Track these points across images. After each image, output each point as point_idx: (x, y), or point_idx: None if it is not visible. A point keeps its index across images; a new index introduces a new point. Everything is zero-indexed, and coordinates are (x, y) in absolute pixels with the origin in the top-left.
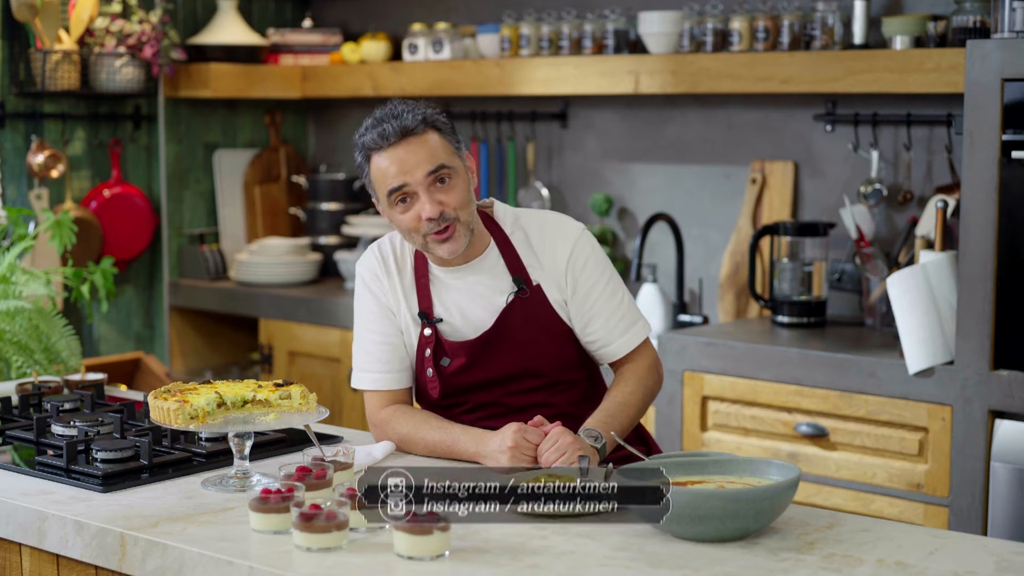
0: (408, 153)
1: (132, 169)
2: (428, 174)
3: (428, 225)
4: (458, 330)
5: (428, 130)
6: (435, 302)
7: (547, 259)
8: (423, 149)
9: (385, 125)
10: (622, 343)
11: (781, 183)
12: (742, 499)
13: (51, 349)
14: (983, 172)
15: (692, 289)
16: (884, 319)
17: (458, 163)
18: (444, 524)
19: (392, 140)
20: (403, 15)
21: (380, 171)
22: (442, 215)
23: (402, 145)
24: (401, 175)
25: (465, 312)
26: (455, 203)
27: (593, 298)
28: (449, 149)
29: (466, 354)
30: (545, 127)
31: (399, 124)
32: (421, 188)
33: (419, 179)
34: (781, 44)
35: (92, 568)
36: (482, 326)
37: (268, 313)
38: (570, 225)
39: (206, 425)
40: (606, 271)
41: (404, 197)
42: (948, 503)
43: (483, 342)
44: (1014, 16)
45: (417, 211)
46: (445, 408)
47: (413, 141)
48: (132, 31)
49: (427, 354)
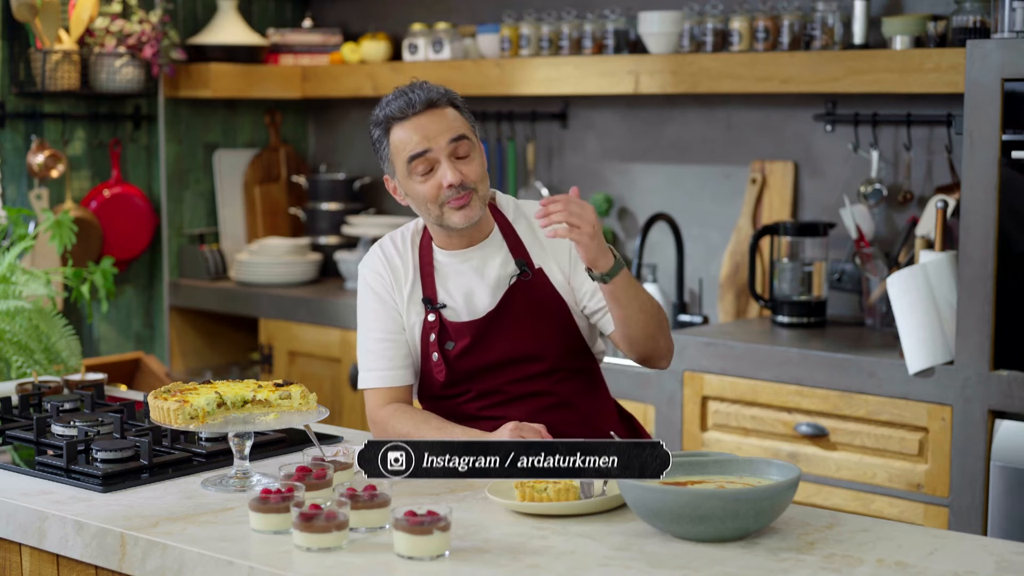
0: (431, 122)
1: (132, 169)
2: (451, 141)
3: (447, 192)
4: (461, 314)
5: (448, 106)
6: (439, 288)
7: (548, 241)
8: (444, 120)
9: (411, 95)
10: None
11: (781, 183)
12: (742, 499)
13: (51, 349)
14: (983, 172)
15: (692, 289)
16: (884, 319)
17: (475, 140)
18: (444, 524)
19: (418, 109)
20: (403, 15)
21: (401, 140)
22: (462, 184)
23: (425, 115)
24: (424, 141)
25: (468, 295)
26: (474, 175)
27: None
28: (467, 125)
29: (470, 334)
30: (545, 127)
31: (424, 95)
32: (443, 155)
33: (442, 146)
34: (781, 44)
35: (92, 568)
36: (485, 308)
37: (268, 313)
38: None
39: (206, 425)
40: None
41: (424, 165)
42: (948, 503)
43: (486, 323)
44: (1014, 16)
45: (438, 179)
46: (449, 398)
47: (436, 112)
48: (132, 31)
49: (432, 339)
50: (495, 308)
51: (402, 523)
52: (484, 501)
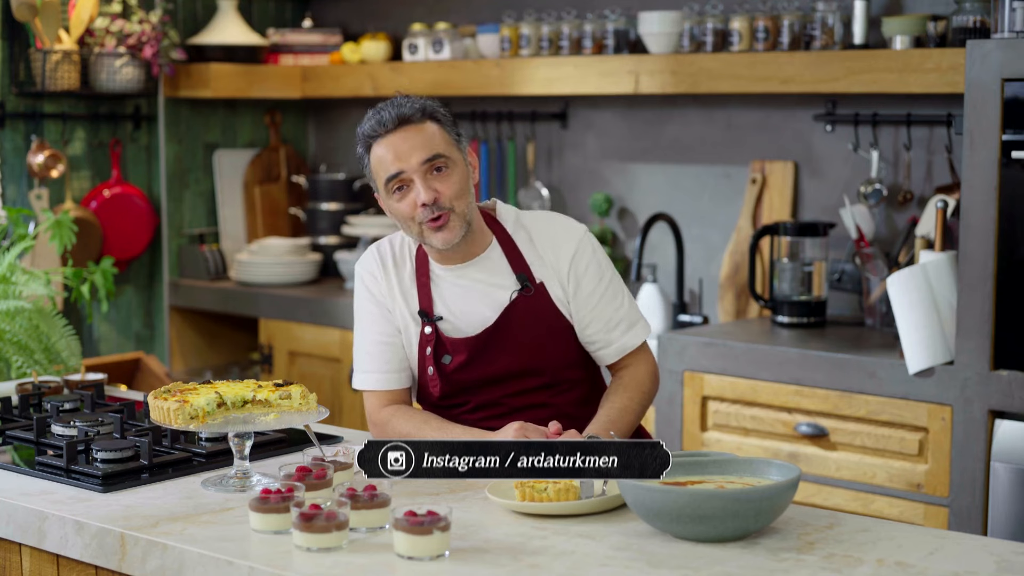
0: (404, 141)
1: (132, 169)
2: (424, 162)
3: (422, 212)
4: (458, 327)
5: (426, 120)
6: (435, 300)
7: (550, 258)
8: (419, 137)
9: (383, 113)
10: (620, 346)
11: (781, 183)
12: (742, 499)
13: (51, 349)
14: (983, 172)
15: (692, 289)
16: (884, 319)
17: (457, 155)
18: (444, 524)
19: (389, 127)
20: (403, 15)
21: (378, 160)
22: (436, 202)
23: (399, 133)
24: (397, 162)
25: (466, 309)
26: (450, 193)
27: (594, 301)
28: (448, 140)
29: (467, 351)
30: (545, 127)
31: (396, 112)
32: (417, 175)
33: (414, 166)
34: (781, 44)
35: (92, 568)
36: (483, 323)
37: (268, 313)
38: (573, 226)
39: (206, 425)
40: (607, 273)
41: (401, 185)
42: (948, 503)
43: (485, 338)
44: (1014, 16)
45: (412, 198)
46: (446, 408)
47: (410, 129)
48: (132, 31)
49: (427, 352)
50: (494, 324)
51: (402, 523)
52: (484, 501)
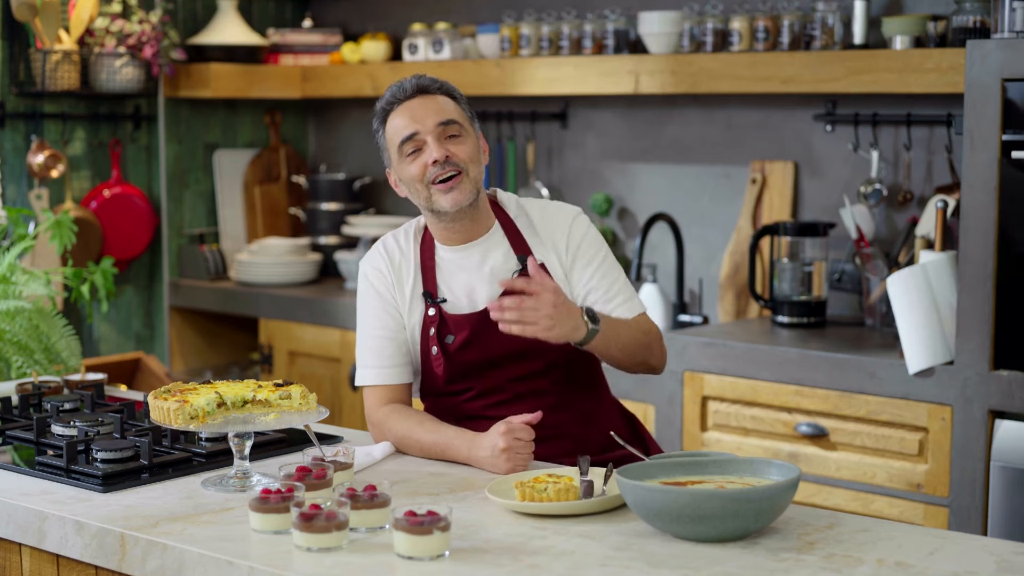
0: (420, 105)
1: (132, 169)
2: (439, 124)
3: (433, 170)
4: (462, 308)
5: (443, 94)
6: (440, 284)
7: (548, 236)
8: (435, 104)
9: (404, 82)
10: (621, 312)
11: (781, 183)
12: (742, 499)
13: (51, 349)
14: (983, 172)
15: (692, 289)
16: (884, 319)
17: (471, 130)
18: (444, 524)
19: (409, 93)
20: (403, 15)
21: (394, 129)
22: (448, 160)
23: (416, 99)
24: (413, 124)
25: (469, 290)
26: (464, 155)
27: (592, 270)
28: (462, 114)
29: (469, 327)
30: (545, 127)
31: (416, 81)
32: (431, 136)
33: (429, 127)
34: (781, 44)
35: (92, 568)
36: (486, 302)
37: (268, 313)
38: (570, 206)
39: (206, 425)
40: (602, 249)
41: (415, 148)
42: (948, 503)
43: (486, 315)
44: (1014, 16)
45: (424, 159)
46: (452, 395)
47: (427, 98)
48: (132, 31)
49: (431, 333)
50: (495, 302)
51: (402, 523)
52: (484, 501)
